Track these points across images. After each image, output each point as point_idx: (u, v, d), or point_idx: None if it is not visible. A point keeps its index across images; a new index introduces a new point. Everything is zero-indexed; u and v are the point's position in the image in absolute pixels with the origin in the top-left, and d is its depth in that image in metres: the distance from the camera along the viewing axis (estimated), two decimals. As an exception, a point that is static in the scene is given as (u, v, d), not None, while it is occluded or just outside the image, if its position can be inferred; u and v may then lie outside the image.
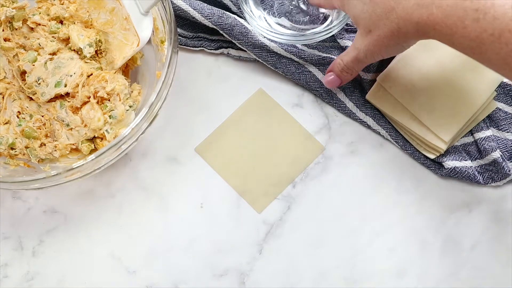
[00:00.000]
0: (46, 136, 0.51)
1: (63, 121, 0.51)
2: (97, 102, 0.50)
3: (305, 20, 0.56)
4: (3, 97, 0.52)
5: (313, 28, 0.56)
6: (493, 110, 0.54)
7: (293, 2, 0.57)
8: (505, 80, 0.54)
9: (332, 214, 0.53)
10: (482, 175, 0.53)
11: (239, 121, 0.56)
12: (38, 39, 0.51)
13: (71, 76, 0.50)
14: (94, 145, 0.51)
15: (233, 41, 0.55)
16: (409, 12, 0.43)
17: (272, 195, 0.54)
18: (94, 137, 0.51)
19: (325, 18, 0.56)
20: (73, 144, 0.51)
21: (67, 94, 0.51)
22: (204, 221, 0.53)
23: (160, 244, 0.52)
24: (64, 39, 0.51)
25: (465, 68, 0.52)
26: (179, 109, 0.56)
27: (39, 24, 0.52)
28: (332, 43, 0.57)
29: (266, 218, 0.53)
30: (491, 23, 0.39)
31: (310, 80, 0.55)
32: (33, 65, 0.50)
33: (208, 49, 0.57)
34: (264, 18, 0.56)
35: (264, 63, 0.56)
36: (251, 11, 0.55)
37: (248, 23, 0.55)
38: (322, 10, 0.56)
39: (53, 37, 0.51)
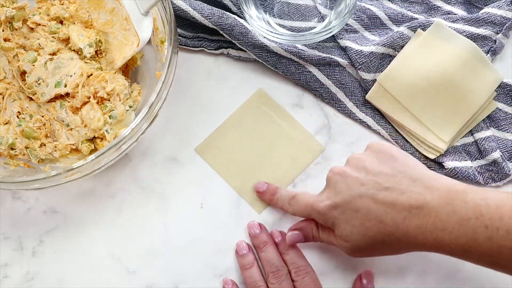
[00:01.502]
0: (46, 136, 0.51)
1: (63, 121, 0.51)
2: (97, 102, 0.50)
3: (305, 25, 0.56)
4: (3, 97, 0.52)
5: (312, 28, 0.56)
6: (493, 110, 0.54)
7: (293, 3, 0.57)
8: (505, 80, 0.54)
9: (332, 214, 0.53)
10: (482, 175, 0.53)
11: (239, 121, 0.56)
12: (38, 39, 0.51)
13: (71, 76, 0.50)
14: (94, 145, 0.51)
15: (233, 41, 0.55)
16: (411, 236, 0.40)
17: (272, 195, 0.54)
18: (94, 137, 0.51)
19: (322, 17, 0.56)
20: (73, 144, 0.51)
21: (67, 94, 0.51)
22: (204, 221, 0.53)
23: (160, 244, 0.52)
24: (64, 39, 0.51)
25: (465, 68, 0.52)
26: (179, 109, 0.56)
27: (39, 24, 0.52)
28: (332, 43, 0.57)
29: (266, 218, 0.53)
30: (507, 237, 0.37)
31: (310, 80, 0.55)
32: (33, 65, 0.50)
33: (208, 49, 0.57)
34: (264, 18, 0.56)
35: (264, 63, 0.56)
36: (251, 11, 0.55)
37: (248, 23, 0.55)
38: (320, 9, 0.56)
39: (53, 37, 0.51)
